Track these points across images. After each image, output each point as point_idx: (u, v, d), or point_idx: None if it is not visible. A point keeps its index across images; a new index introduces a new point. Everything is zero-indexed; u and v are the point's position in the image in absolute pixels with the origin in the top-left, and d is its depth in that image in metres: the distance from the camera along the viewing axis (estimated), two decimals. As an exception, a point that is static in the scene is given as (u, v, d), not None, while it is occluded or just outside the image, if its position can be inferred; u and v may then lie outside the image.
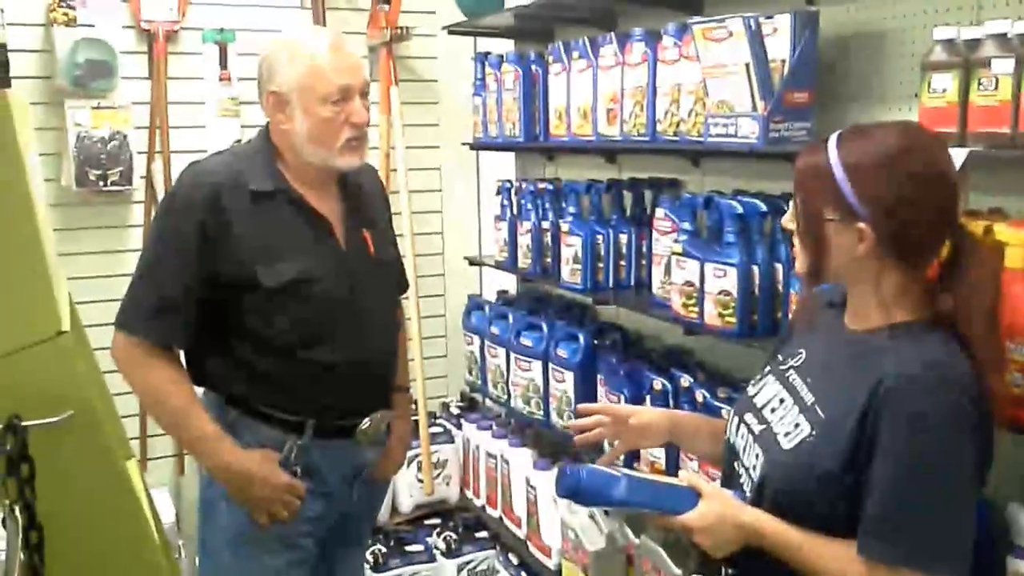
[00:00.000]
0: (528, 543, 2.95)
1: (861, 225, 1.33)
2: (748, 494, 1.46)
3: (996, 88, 1.47)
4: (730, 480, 1.55)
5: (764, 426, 1.47)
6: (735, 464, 1.53)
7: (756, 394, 1.55)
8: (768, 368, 1.58)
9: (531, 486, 2.89)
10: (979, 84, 1.50)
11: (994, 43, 1.49)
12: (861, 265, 1.36)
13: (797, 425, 1.41)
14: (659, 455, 2.33)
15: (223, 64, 3.34)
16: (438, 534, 3.36)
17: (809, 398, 1.42)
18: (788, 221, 1.46)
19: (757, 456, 1.45)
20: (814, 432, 1.37)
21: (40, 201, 1.97)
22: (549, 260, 2.78)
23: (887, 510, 1.29)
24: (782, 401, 1.48)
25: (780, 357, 1.57)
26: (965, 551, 1.29)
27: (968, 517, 1.31)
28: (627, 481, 1.44)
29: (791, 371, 1.51)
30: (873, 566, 1.30)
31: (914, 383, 1.28)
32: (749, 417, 1.52)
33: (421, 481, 3.41)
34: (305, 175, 1.98)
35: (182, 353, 2.02)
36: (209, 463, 1.98)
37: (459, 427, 3.51)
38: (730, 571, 1.52)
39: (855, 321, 1.44)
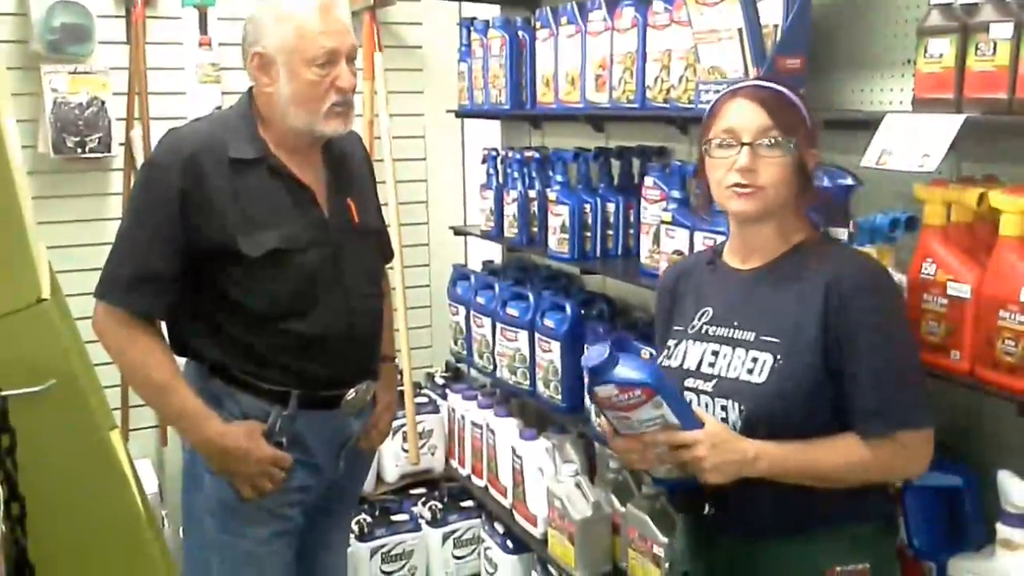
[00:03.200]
0: (514, 512, 2.95)
1: (814, 151, 1.56)
2: None
3: (994, 53, 1.46)
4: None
5: (714, 381, 1.55)
6: None
7: (682, 362, 1.60)
8: (674, 339, 1.65)
9: (517, 456, 2.89)
10: (977, 49, 1.49)
11: (992, 7, 1.47)
12: (789, 194, 1.53)
13: (755, 359, 1.51)
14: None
15: (203, 29, 3.27)
16: (423, 503, 3.36)
17: (749, 335, 1.54)
18: (770, 160, 1.50)
19: (724, 408, 1.52)
20: (778, 356, 1.49)
21: (17, 168, 1.93)
22: (536, 229, 2.76)
23: (875, 389, 1.46)
24: (716, 353, 1.57)
25: (679, 326, 1.66)
26: (927, 397, 1.51)
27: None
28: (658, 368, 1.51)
29: (706, 327, 1.61)
30: (875, 443, 1.47)
31: (860, 278, 1.48)
32: (691, 382, 1.57)
33: (406, 451, 3.40)
34: (288, 142, 1.94)
35: (163, 324, 1.99)
36: (191, 438, 1.96)
37: (444, 397, 3.50)
38: (711, 508, 1.57)
39: (750, 260, 1.60)
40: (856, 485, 1.50)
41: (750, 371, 1.51)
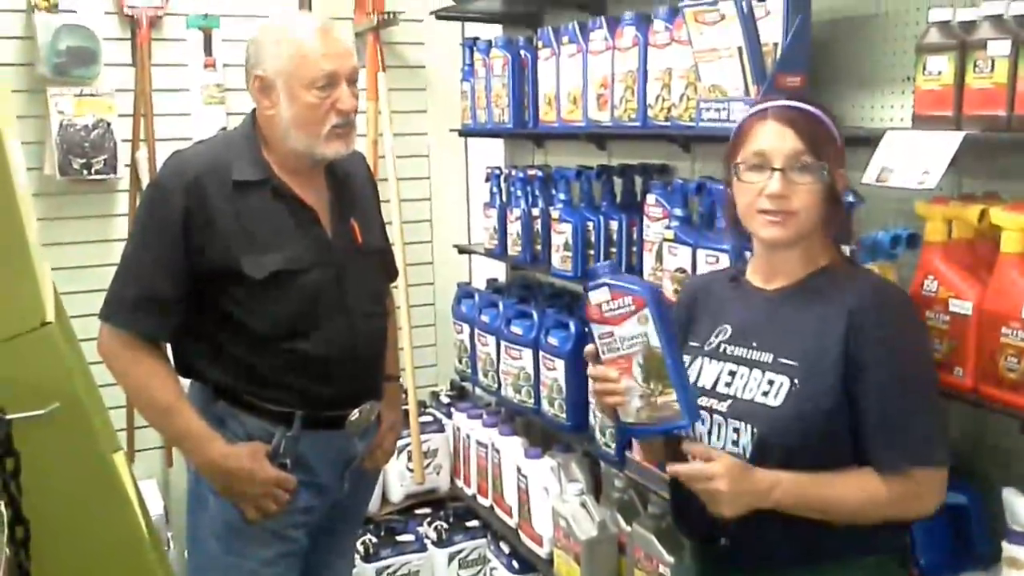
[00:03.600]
0: (519, 532, 2.94)
1: (842, 171, 1.52)
2: None
3: (992, 70, 1.46)
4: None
5: (728, 401, 1.51)
6: (691, 457, 1.49)
7: (695, 381, 1.56)
8: (689, 355, 1.60)
9: (522, 475, 2.88)
10: (975, 66, 1.49)
11: (990, 24, 1.48)
12: (819, 218, 1.49)
13: (771, 382, 1.47)
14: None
15: (208, 50, 3.30)
16: (429, 524, 3.35)
17: (767, 357, 1.50)
18: (802, 186, 1.46)
19: (737, 430, 1.48)
20: (796, 380, 1.45)
21: (23, 190, 1.94)
22: (539, 247, 2.77)
23: (888, 419, 1.42)
24: (732, 373, 1.53)
25: (695, 343, 1.62)
26: (946, 436, 1.49)
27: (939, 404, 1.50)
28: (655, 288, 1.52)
29: (723, 345, 1.57)
30: (888, 478, 1.42)
31: (883, 306, 1.45)
32: (704, 401, 1.53)
33: (411, 470, 3.39)
34: (291, 163, 1.95)
35: (168, 345, 1.99)
36: (195, 459, 1.96)
37: (449, 416, 3.50)
38: (726, 541, 1.53)
39: (774, 280, 1.57)
40: (871, 522, 1.45)
41: (765, 393, 1.48)
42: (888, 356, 1.43)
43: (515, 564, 3.00)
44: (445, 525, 3.30)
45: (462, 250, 3.41)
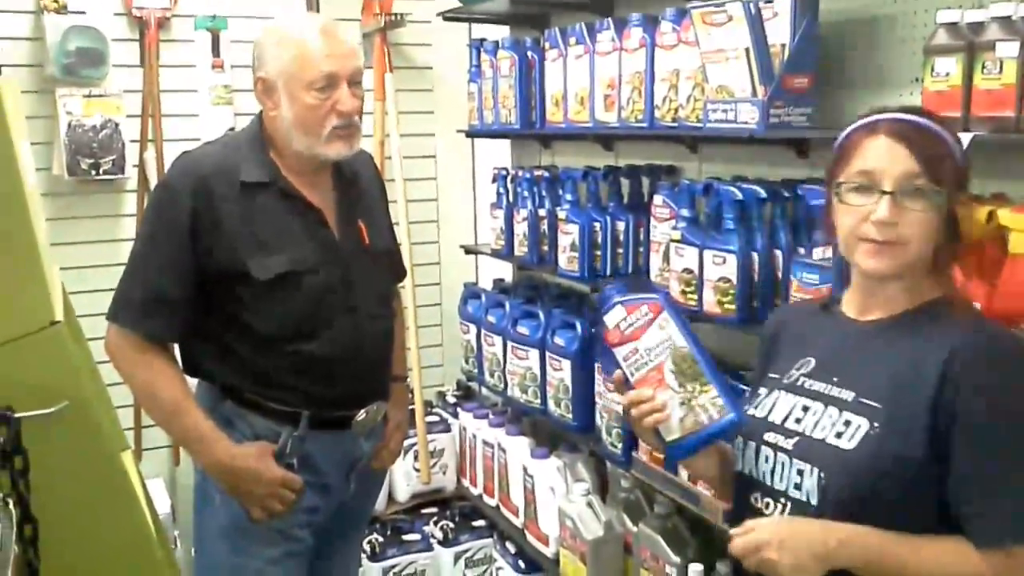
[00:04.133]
0: (526, 531, 2.94)
1: (964, 197, 1.33)
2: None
3: (1000, 72, 1.46)
4: (746, 516, 1.40)
5: (796, 439, 1.36)
6: (752, 498, 1.41)
7: (768, 413, 1.43)
8: (766, 387, 1.48)
9: (528, 474, 2.88)
10: (983, 68, 1.49)
11: (998, 26, 1.47)
12: (931, 249, 1.32)
13: (848, 423, 1.31)
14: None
15: (216, 51, 3.31)
16: (435, 523, 3.35)
17: (847, 395, 1.34)
18: (914, 213, 1.28)
19: (801, 472, 1.33)
20: (875, 424, 1.28)
21: (32, 190, 1.95)
22: (546, 248, 2.77)
23: (987, 484, 1.23)
24: (807, 409, 1.38)
25: (775, 374, 1.48)
26: None
27: None
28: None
29: (803, 379, 1.42)
30: (987, 553, 1.23)
31: (988, 355, 1.26)
32: (771, 437, 1.40)
33: (418, 470, 3.40)
34: (297, 164, 1.95)
35: (175, 344, 2.00)
36: (202, 459, 1.96)
37: (456, 416, 3.50)
38: None
39: (869, 312, 1.40)
40: None
41: (839, 435, 1.31)
42: (989, 409, 1.23)
43: (521, 564, 3.00)
44: (451, 525, 3.31)
45: (469, 250, 3.41)
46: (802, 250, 1.91)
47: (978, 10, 1.53)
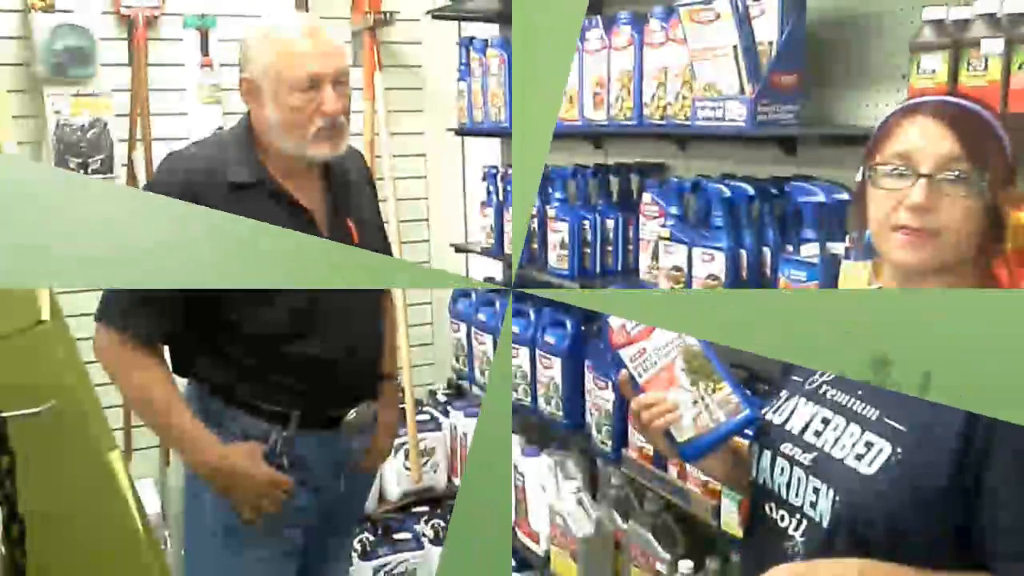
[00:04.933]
0: (516, 529, 2.94)
1: (1014, 191, 1.21)
2: (802, 537, 1.28)
3: (986, 69, 1.47)
4: (761, 526, 1.36)
5: (814, 454, 1.28)
6: (768, 507, 1.35)
7: (786, 421, 1.35)
8: (787, 391, 1.40)
9: (519, 473, 2.88)
10: (968, 65, 1.50)
11: (984, 23, 1.48)
12: (972, 244, 1.18)
13: (869, 445, 1.23)
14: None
15: (204, 50, 3.30)
16: (426, 522, 3.35)
17: (871, 413, 1.25)
18: (952, 199, 1.16)
19: (817, 491, 1.26)
20: (899, 449, 1.19)
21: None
22: (535, 246, 2.77)
23: (1019, 523, 1.13)
24: (826, 422, 1.30)
25: (797, 377, 1.40)
26: None
27: None
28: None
29: (826, 387, 1.33)
30: None
31: None
32: (788, 448, 1.32)
33: (408, 469, 3.39)
34: (285, 163, 1.94)
35: (165, 344, 1.99)
36: (191, 460, 1.95)
37: (446, 414, 3.50)
38: None
39: None
40: None
41: (859, 456, 1.22)
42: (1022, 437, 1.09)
43: (511, 561, 3.00)
44: (442, 523, 3.31)
45: (459, 249, 3.41)
46: (790, 247, 1.91)
47: (963, 7, 1.54)
